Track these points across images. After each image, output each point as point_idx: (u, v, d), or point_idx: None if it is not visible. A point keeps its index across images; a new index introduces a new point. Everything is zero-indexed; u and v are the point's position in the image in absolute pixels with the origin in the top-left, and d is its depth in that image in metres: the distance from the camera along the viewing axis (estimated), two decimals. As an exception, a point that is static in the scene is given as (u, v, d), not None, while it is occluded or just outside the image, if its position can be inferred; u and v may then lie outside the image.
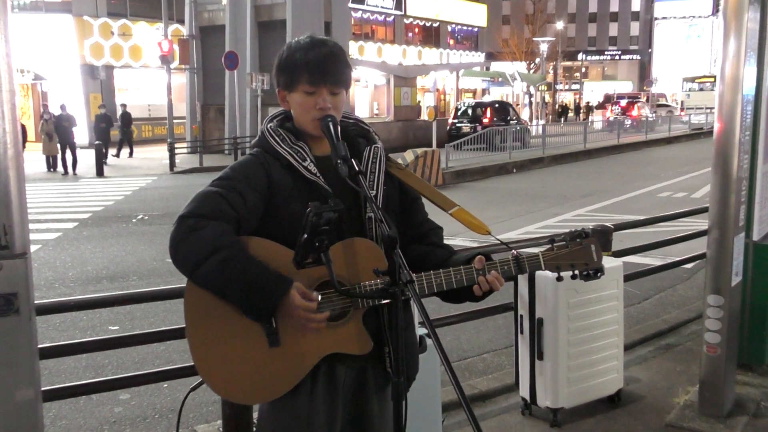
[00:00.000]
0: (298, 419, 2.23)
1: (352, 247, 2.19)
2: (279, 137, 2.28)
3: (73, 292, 8.32)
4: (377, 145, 2.39)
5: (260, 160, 2.26)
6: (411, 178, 2.42)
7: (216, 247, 2.08)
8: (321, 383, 2.23)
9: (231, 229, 2.14)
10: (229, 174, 2.24)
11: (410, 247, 2.41)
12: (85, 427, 4.87)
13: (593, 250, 2.32)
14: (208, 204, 2.15)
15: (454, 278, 2.21)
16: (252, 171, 2.24)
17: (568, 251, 2.30)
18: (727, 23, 4.14)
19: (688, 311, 6.84)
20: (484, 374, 5.42)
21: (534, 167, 23.60)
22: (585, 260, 2.31)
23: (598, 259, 2.32)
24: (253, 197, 2.20)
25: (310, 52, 2.22)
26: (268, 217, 2.23)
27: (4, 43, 2.23)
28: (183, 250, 2.11)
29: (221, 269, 2.08)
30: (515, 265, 2.25)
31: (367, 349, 2.21)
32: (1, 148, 2.24)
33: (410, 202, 2.43)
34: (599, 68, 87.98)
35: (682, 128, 40.78)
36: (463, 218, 2.38)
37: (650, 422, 4.42)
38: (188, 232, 2.11)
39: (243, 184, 2.20)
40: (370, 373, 2.31)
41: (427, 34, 39.70)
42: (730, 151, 4.20)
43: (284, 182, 2.23)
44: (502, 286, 2.26)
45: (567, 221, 12.76)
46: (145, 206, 15.30)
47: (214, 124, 30.91)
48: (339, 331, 2.19)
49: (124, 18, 34.34)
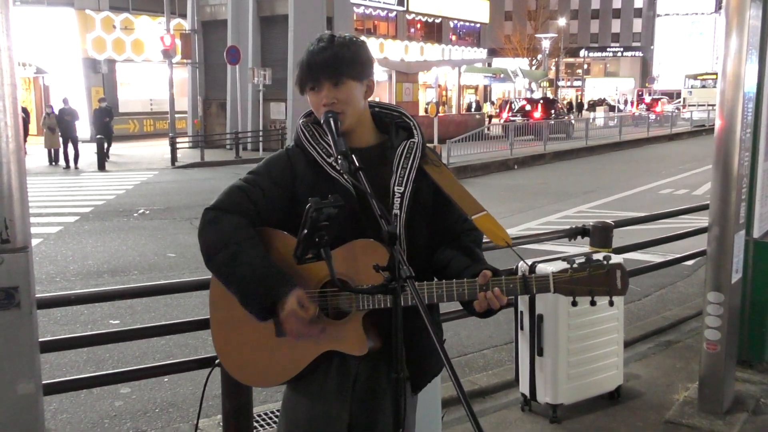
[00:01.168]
0: (314, 406, 2.28)
1: (354, 248, 2.20)
2: (308, 132, 2.32)
3: (74, 286, 8.32)
4: (414, 140, 2.36)
5: (289, 154, 2.33)
6: (443, 177, 2.35)
7: (227, 242, 2.18)
8: (334, 374, 2.28)
9: (247, 223, 2.22)
10: (258, 169, 2.33)
11: (440, 249, 2.36)
12: (85, 420, 4.88)
13: (618, 277, 2.08)
14: (231, 198, 2.25)
15: (456, 291, 2.16)
16: (277, 166, 2.31)
17: (587, 276, 2.09)
18: (729, 20, 4.13)
19: (688, 308, 6.84)
20: (484, 370, 5.42)
21: (535, 163, 23.59)
22: (607, 287, 2.07)
23: (623, 287, 2.08)
24: (275, 191, 2.26)
25: (310, 54, 2.24)
26: (293, 213, 2.25)
27: (6, 36, 2.23)
28: (201, 241, 2.24)
29: (227, 265, 2.17)
30: (521, 284, 2.14)
31: (361, 351, 2.21)
32: (3, 141, 2.24)
33: (443, 200, 2.36)
34: (601, 65, 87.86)
35: (684, 125, 40.76)
36: (484, 226, 2.29)
37: (650, 419, 4.42)
38: (208, 223, 2.23)
39: (266, 179, 2.28)
40: (383, 371, 2.29)
41: (429, 30, 39.69)
42: (731, 149, 4.19)
43: (307, 177, 2.27)
44: (503, 304, 2.17)
45: (568, 217, 12.76)
46: (146, 201, 15.30)
47: (215, 119, 30.91)
48: (338, 330, 2.21)
49: (126, 12, 34.33)
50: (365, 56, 2.30)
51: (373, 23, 36.37)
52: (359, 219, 2.21)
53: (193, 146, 26.32)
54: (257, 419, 4.30)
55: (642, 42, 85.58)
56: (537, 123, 28.28)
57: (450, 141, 21.20)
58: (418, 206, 2.30)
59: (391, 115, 2.42)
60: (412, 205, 2.28)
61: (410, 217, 2.27)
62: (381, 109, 2.42)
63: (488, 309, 2.18)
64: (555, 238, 5.67)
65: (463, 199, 2.33)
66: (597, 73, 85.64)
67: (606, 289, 2.08)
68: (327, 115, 2.20)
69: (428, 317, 1.87)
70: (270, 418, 4.40)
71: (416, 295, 1.93)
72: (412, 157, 2.32)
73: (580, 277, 2.09)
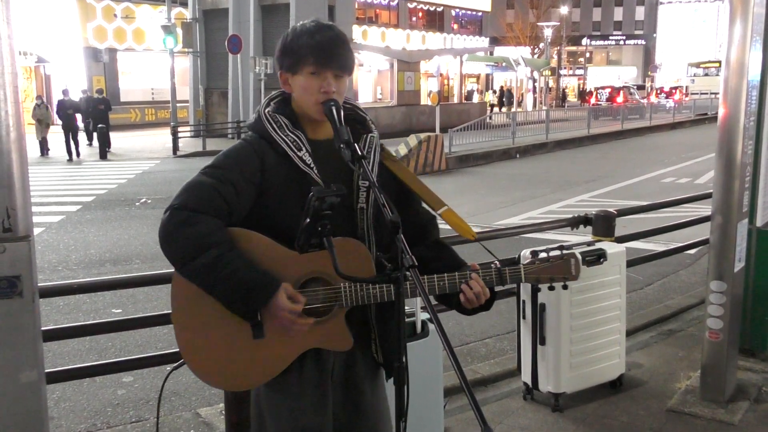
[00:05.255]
0: (287, 399, 2.26)
1: (339, 245, 2.15)
2: (276, 123, 2.25)
3: (77, 275, 8.34)
4: (373, 134, 2.36)
5: (254, 147, 2.23)
6: (403, 171, 2.39)
7: (207, 245, 2.08)
8: (309, 366, 2.26)
9: (222, 225, 2.14)
10: (223, 162, 2.22)
11: (414, 249, 2.33)
12: (88, 409, 4.89)
13: (572, 264, 2.33)
14: (201, 196, 2.13)
15: (437, 284, 2.22)
16: (246, 160, 2.21)
17: (549, 265, 2.32)
18: (733, 7, 4.11)
19: (691, 297, 6.84)
20: (486, 359, 5.43)
21: (537, 152, 23.55)
22: (563, 274, 2.34)
23: (576, 272, 2.35)
24: (246, 188, 2.18)
25: (317, 35, 2.20)
26: (259, 206, 2.21)
27: (6, 24, 2.22)
28: (173, 244, 2.11)
29: (210, 269, 2.08)
30: (497, 276, 2.26)
31: (347, 346, 2.23)
32: (4, 130, 2.24)
33: (404, 193, 2.39)
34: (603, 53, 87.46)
35: (686, 113, 40.67)
36: (451, 220, 2.35)
37: (652, 407, 4.42)
38: (180, 226, 2.10)
39: (236, 175, 2.17)
40: (360, 359, 2.33)
41: (431, 19, 39.55)
42: (735, 137, 4.18)
43: (278, 171, 2.21)
44: (487, 296, 2.26)
45: (570, 206, 12.74)
46: (148, 190, 15.31)
47: (217, 108, 30.89)
48: (322, 328, 2.20)
49: (127, 1, 34.24)
50: None
51: (375, 12, 36.25)
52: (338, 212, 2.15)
53: (195, 135, 26.33)
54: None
55: (645, 30, 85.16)
56: (617, 107, 36.70)
57: (451, 130, 21.17)
58: None
59: (344, 108, 2.34)
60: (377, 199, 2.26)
61: (376, 211, 2.26)
62: None
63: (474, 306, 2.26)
64: (557, 227, 5.66)
65: (425, 193, 2.37)
66: (599, 61, 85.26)
67: (563, 276, 2.34)
68: (329, 103, 2.19)
69: (430, 306, 1.86)
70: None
71: (418, 283, 1.92)
72: (373, 150, 2.31)
73: (543, 267, 2.33)
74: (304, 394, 2.26)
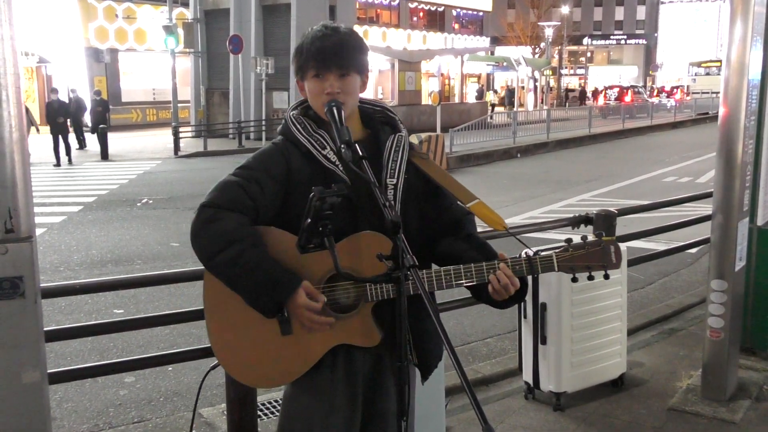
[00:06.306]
0: (319, 400, 2.28)
1: (358, 241, 2.20)
2: (300, 125, 2.31)
3: (78, 275, 8.34)
4: (401, 134, 2.40)
5: (281, 148, 2.30)
6: (433, 168, 2.42)
7: (230, 240, 2.14)
8: (341, 367, 2.28)
9: (247, 221, 2.19)
10: (251, 163, 2.29)
11: (445, 240, 2.38)
12: (90, 409, 4.90)
13: (611, 252, 2.24)
14: (228, 194, 2.20)
15: (464, 275, 2.20)
16: (272, 160, 2.27)
17: (584, 253, 2.23)
18: (733, 6, 4.11)
19: (692, 296, 6.84)
20: (487, 359, 5.43)
21: (538, 152, 23.54)
22: (603, 262, 2.24)
23: (617, 260, 2.25)
24: (273, 187, 2.23)
25: (318, 40, 2.24)
26: (287, 206, 2.25)
27: (8, 25, 2.22)
28: (200, 241, 2.19)
29: (233, 264, 2.13)
30: (527, 265, 2.22)
31: (374, 342, 2.24)
32: (6, 131, 2.24)
33: (434, 189, 2.41)
34: (605, 53, 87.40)
35: (687, 113, 40.66)
36: (481, 212, 2.35)
37: (653, 406, 4.43)
38: (206, 222, 2.18)
39: (263, 174, 2.24)
40: (387, 360, 2.33)
41: (431, 19, 39.54)
42: (735, 136, 4.18)
43: (303, 170, 2.26)
44: (517, 286, 2.20)
45: (571, 206, 12.74)
46: (149, 190, 15.31)
47: (218, 108, 30.88)
48: (347, 323, 2.21)
49: (129, 1, 34.25)
50: (366, 49, 2.34)
51: (376, 12, 36.24)
52: (355, 210, 2.22)
53: (196, 135, 26.33)
54: (261, 408, 4.31)
55: (646, 29, 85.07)
56: (627, 105, 37.80)
57: (452, 130, 21.16)
58: (410, 197, 2.33)
59: (374, 110, 2.44)
60: (405, 196, 2.31)
61: (403, 208, 2.29)
62: (365, 105, 2.43)
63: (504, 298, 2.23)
64: (558, 226, 5.66)
65: (455, 188, 2.39)
66: (600, 61, 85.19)
67: (602, 264, 2.23)
68: (331, 103, 2.21)
69: (432, 305, 1.88)
70: (274, 407, 4.42)
71: (419, 282, 1.93)
72: (401, 149, 2.36)
73: (578, 255, 2.23)
74: (335, 392, 2.28)
